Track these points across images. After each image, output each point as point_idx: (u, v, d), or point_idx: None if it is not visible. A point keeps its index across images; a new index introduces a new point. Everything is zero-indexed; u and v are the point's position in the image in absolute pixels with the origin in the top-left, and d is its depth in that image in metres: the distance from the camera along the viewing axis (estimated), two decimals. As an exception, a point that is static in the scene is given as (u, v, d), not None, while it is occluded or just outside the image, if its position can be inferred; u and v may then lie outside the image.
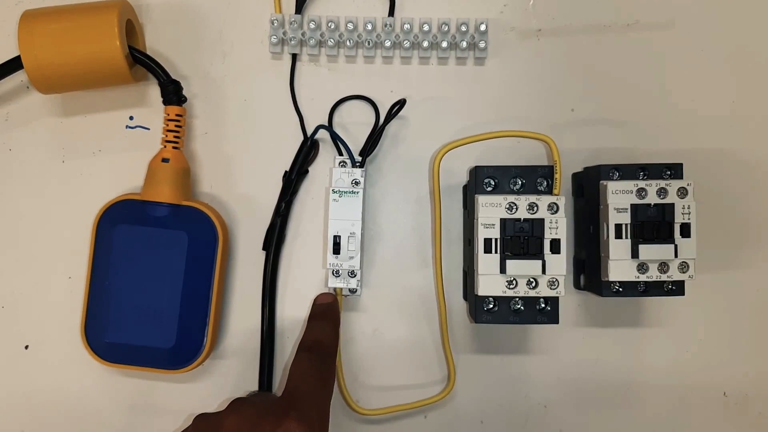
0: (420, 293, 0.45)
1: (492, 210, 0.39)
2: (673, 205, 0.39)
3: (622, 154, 0.45)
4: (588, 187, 0.42)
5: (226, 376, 0.44)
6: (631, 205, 0.39)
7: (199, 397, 0.44)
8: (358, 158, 0.43)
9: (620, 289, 0.41)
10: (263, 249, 0.44)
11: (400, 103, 0.43)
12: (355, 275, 0.42)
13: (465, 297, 0.44)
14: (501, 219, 0.39)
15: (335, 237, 0.42)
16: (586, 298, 0.45)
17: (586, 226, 0.43)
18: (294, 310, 0.44)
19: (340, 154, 0.44)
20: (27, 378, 0.45)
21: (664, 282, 0.40)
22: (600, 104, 0.45)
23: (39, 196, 0.45)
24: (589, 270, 0.43)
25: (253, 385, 0.44)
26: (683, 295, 0.40)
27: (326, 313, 0.43)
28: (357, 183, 0.43)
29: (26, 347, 0.45)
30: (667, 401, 0.45)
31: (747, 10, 0.45)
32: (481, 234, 0.39)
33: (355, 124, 0.45)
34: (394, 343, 0.45)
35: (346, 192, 0.42)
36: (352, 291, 0.43)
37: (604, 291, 0.41)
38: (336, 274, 0.42)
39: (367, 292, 0.45)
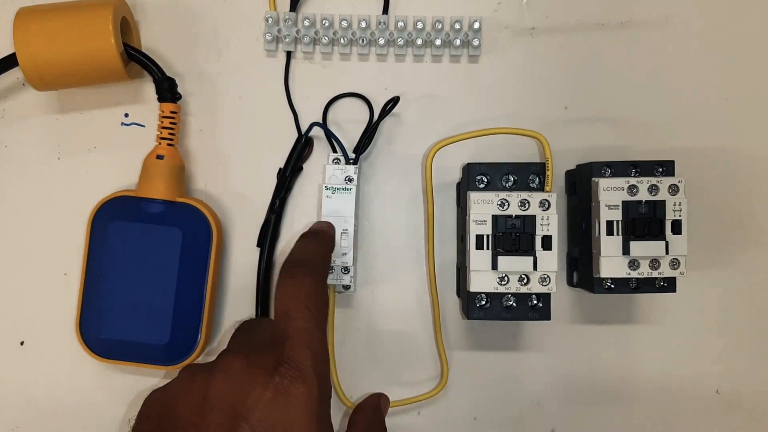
0: (413, 290, 0.45)
1: (484, 206, 0.39)
2: (664, 202, 0.39)
3: (615, 151, 0.45)
4: (580, 185, 0.43)
5: (220, 372, 0.45)
6: (623, 202, 0.39)
7: (193, 392, 0.44)
8: (352, 155, 0.44)
9: (612, 286, 0.41)
10: (258, 246, 0.44)
11: (394, 101, 0.44)
12: (349, 271, 0.43)
13: (458, 293, 0.45)
14: (493, 215, 0.39)
15: (328, 233, 0.42)
16: (578, 295, 0.45)
17: (579, 223, 0.43)
18: (288, 307, 0.45)
19: (335, 151, 0.44)
20: (22, 374, 0.45)
21: (656, 279, 0.40)
22: (594, 102, 0.45)
23: (34, 193, 0.45)
24: (581, 267, 0.43)
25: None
26: (675, 291, 0.41)
27: (318, 233, 0.40)
28: (350, 180, 0.43)
29: (21, 343, 0.45)
30: (659, 398, 0.45)
31: (740, 9, 0.45)
32: (473, 230, 0.39)
33: (350, 122, 0.45)
34: (387, 339, 0.45)
35: (338, 188, 0.42)
36: (346, 287, 0.43)
37: (596, 288, 0.41)
38: (329, 270, 0.43)
39: (360, 289, 0.45)
